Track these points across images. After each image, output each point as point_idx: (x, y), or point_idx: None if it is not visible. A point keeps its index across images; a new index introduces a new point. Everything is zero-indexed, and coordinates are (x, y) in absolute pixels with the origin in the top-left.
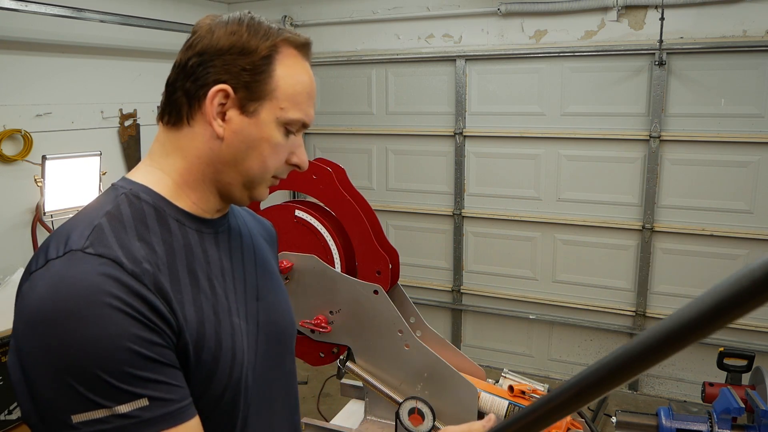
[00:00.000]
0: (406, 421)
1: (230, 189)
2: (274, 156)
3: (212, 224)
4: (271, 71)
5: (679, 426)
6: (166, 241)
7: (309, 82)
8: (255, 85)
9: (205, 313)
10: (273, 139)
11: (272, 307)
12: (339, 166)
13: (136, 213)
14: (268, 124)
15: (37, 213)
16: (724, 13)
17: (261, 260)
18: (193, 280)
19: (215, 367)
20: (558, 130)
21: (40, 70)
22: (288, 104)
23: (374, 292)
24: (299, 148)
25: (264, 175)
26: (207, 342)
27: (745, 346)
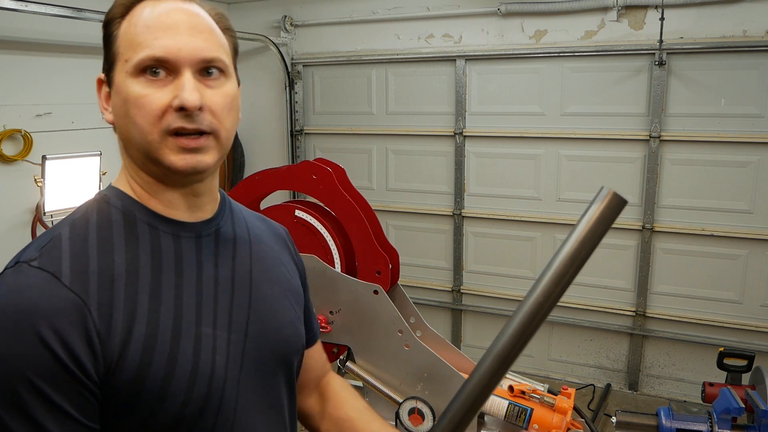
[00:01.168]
0: (406, 421)
1: (148, 169)
2: (142, 110)
3: (193, 228)
4: (116, 33)
5: (679, 426)
6: (130, 249)
7: (154, 17)
8: (107, 56)
9: (161, 325)
10: (131, 95)
11: (268, 317)
12: (339, 166)
13: (102, 220)
14: (123, 83)
15: (37, 213)
16: (724, 13)
17: (260, 267)
18: (155, 290)
19: (168, 381)
20: (558, 130)
21: (40, 70)
22: (130, 52)
23: (374, 292)
24: (181, 88)
25: (148, 137)
26: (157, 355)
27: (745, 346)
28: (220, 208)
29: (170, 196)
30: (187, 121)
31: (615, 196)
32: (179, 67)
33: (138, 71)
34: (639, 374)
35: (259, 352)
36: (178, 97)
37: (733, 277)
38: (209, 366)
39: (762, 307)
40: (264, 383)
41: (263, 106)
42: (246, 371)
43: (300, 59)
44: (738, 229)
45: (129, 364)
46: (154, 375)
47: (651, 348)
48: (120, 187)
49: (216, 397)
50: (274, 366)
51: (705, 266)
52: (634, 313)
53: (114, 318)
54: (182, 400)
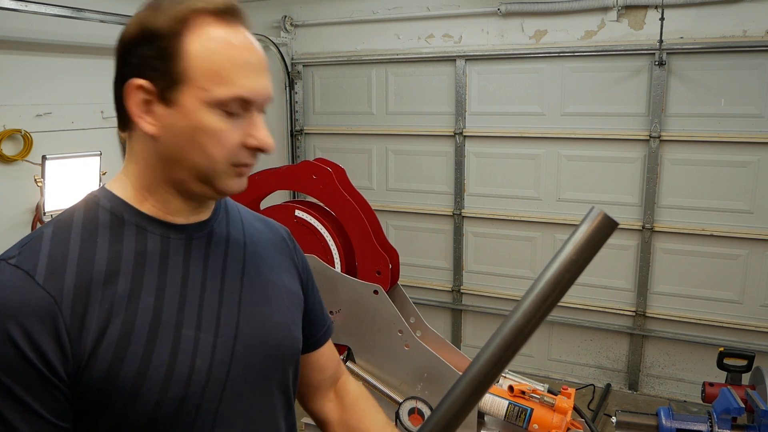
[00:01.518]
0: (406, 421)
1: (187, 186)
2: (218, 144)
3: (185, 230)
4: (181, 51)
5: (679, 426)
6: (112, 249)
7: (237, 50)
8: (166, 70)
9: (137, 325)
10: (207, 126)
11: (261, 320)
12: (339, 166)
13: (88, 220)
14: (195, 111)
15: (37, 213)
16: (724, 13)
17: (254, 270)
18: (134, 290)
19: (140, 382)
20: (558, 130)
21: (40, 70)
22: (210, 83)
23: (374, 292)
24: (254, 128)
25: (215, 167)
26: (130, 355)
27: (745, 346)
28: (215, 210)
29: (179, 205)
30: (253, 158)
31: (605, 218)
32: (254, 107)
33: (216, 104)
34: (639, 374)
35: (250, 356)
36: (257, 139)
37: (733, 277)
38: (186, 368)
39: (762, 307)
40: (255, 388)
41: None
42: (234, 375)
43: (300, 59)
44: (738, 229)
45: (100, 363)
46: (126, 374)
47: (651, 348)
48: (113, 190)
49: (194, 400)
50: (267, 371)
51: (705, 266)
52: (634, 313)
53: (88, 317)
54: (155, 401)
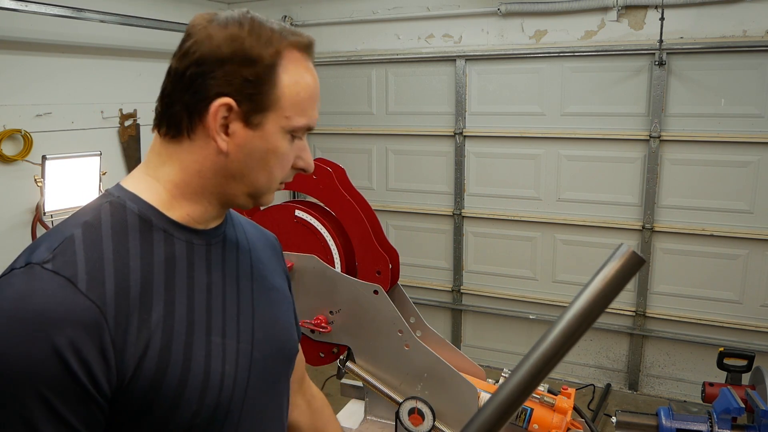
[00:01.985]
0: (406, 421)
1: (234, 199)
2: (281, 165)
3: (205, 235)
4: (276, 80)
5: (679, 426)
6: (145, 255)
7: (313, 85)
8: (259, 96)
9: (175, 335)
10: (280, 150)
11: (270, 324)
12: (339, 166)
13: (117, 223)
14: (274, 135)
15: (37, 213)
16: (724, 13)
17: (259, 274)
18: (168, 299)
19: (182, 392)
20: (558, 130)
21: (40, 70)
22: (293, 112)
23: (374, 292)
24: (304, 151)
25: (271, 185)
26: (172, 366)
27: (745, 346)
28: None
29: (214, 213)
30: (293, 176)
31: (633, 256)
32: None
33: (290, 131)
34: (639, 374)
35: (265, 359)
36: (305, 161)
37: (733, 277)
38: (219, 375)
39: (762, 307)
40: (270, 390)
41: None
42: (253, 379)
43: None
44: (738, 229)
45: (145, 374)
46: (168, 385)
47: (651, 348)
48: (138, 193)
49: (224, 406)
50: (279, 372)
51: (705, 266)
52: (634, 313)
53: (131, 328)
54: (194, 409)
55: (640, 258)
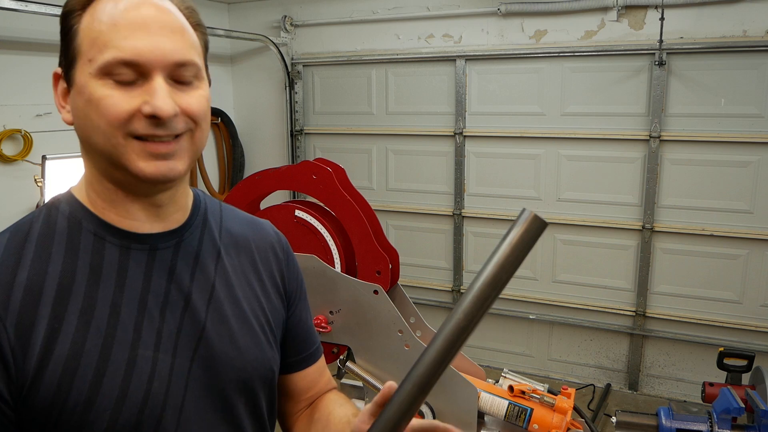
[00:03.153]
0: None
1: (111, 175)
2: (105, 114)
3: (148, 239)
4: (77, 29)
5: (679, 426)
6: (68, 260)
7: (118, 12)
8: (67, 52)
9: (88, 345)
10: (93, 98)
11: (225, 339)
12: (339, 166)
13: (45, 228)
14: (86, 85)
15: None
16: (724, 13)
17: (225, 284)
18: (86, 307)
19: (89, 407)
20: (558, 130)
21: (40, 70)
22: (94, 51)
23: (374, 292)
24: (152, 95)
25: (111, 141)
26: (78, 379)
27: (745, 346)
28: (189, 218)
29: (129, 206)
30: (158, 128)
31: (536, 219)
32: (150, 70)
33: (103, 73)
34: (639, 374)
35: (209, 379)
36: (150, 104)
37: (733, 277)
38: (141, 392)
39: (762, 307)
40: (217, 413)
41: (263, 106)
42: (191, 399)
43: (300, 59)
44: (738, 229)
45: (46, 386)
46: (74, 400)
47: (651, 348)
48: (75, 193)
49: (149, 425)
50: (230, 394)
51: (705, 266)
52: (634, 313)
53: (34, 335)
54: (104, 427)
55: (542, 221)
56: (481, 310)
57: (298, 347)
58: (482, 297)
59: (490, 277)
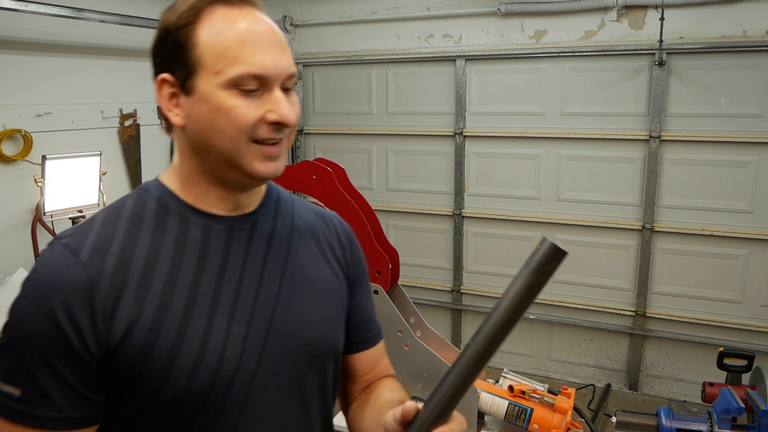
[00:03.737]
0: None
1: (220, 174)
2: (234, 122)
3: (227, 221)
4: (194, 40)
5: (679, 426)
6: (156, 235)
7: (243, 30)
8: (183, 61)
9: (171, 310)
10: (224, 107)
11: (297, 315)
12: (339, 166)
13: (137, 207)
14: (212, 94)
15: (37, 213)
16: (724, 13)
17: (297, 265)
18: (171, 276)
19: (170, 366)
20: (558, 130)
21: (40, 70)
22: (222, 64)
23: (374, 292)
24: (277, 104)
25: (237, 145)
26: (162, 340)
27: (745, 346)
28: (262, 203)
29: (220, 195)
30: (278, 133)
31: (553, 247)
32: (272, 82)
33: (232, 85)
34: (639, 374)
35: (283, 351)
36: (276, 113)
37: (733, 277)
38: (216, 357)
39: (762, 307)
40: (286, 383)
41: None
42: (265, 368)
43: (300, 59)
44: (738, 229)
45: (132, 345)
46: (156, 358)
47: (651, 348)
48: (164, 181)
49: (222, 388)
50: (302, 367)
51: (705, 266)
52: (634, 313)
53: (124, 298)
54: (183, 385)
55: (561, 250)
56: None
57: (359, 329)
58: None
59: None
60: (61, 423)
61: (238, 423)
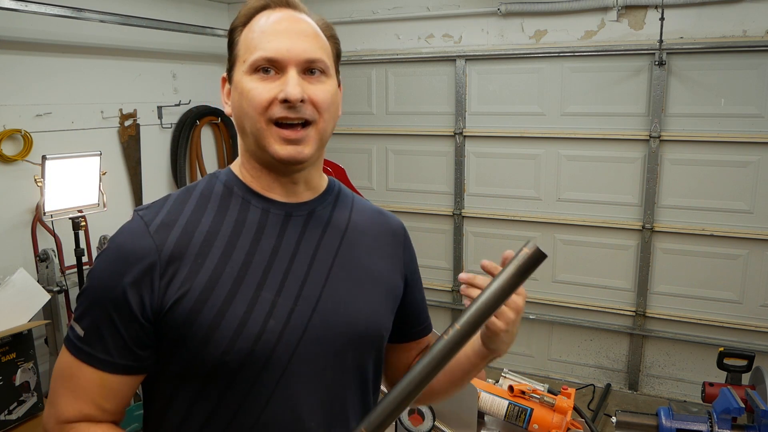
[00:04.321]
0: (406, 421)
1: (258, 156)
2: (252, 102)
3: (286, 207)
4: (237, 39)
5: (679, 426)
6: (219, 214)
7: (267, 23)
8: (231, 57)
9: (222, 280)
10: (245, 90)
11: (344, 299)
12: (339, 166)
13: (206, 189)
14: (241, 81)
15: (37, 213)
16: (724, 13)
17: (349, 254)
18: (227, 250)
19: (213, 331)
20: (558, 130)
21: (40, 70)
22: (247, 54)
23: None
24: (286, 84)
25: (256, 125)
26: (208, 307)
27: (745, 346)
28: (321, 196)
29: (269, 179)
30: (290, 111)
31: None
32: (286, 65)
33: (252, 70)
34: (639, 374)
35: (327, 330)
36: (283, 91)
37: (733, 277)
38: (259, 326)
39: (762, 307)
40: (327, 361)
41: None
42: (307, 343)
43: None
44: (738, 229)
45: (183, 307)
46: (202, 321)
47: (651, 348)
48: (232, 168)
49: (262, 355)
50: (344, 348)
51: (705, 266)
52: (634, 313)
53: (182, 267)
54: (223, 349)
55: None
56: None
57: (411, 321)
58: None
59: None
60: (109, 366)
61: (275, 391)
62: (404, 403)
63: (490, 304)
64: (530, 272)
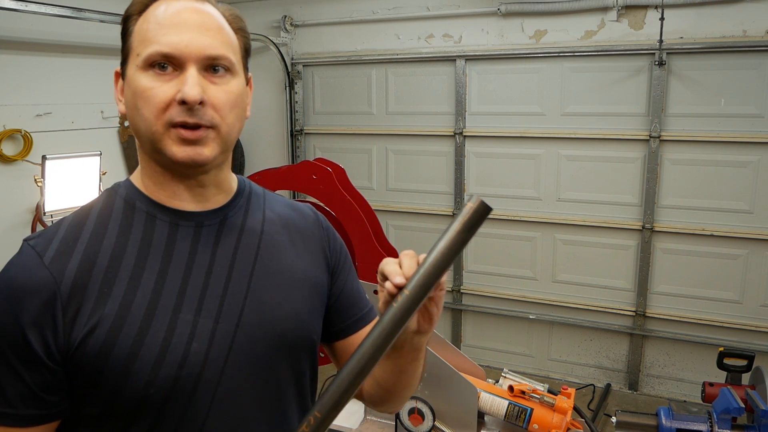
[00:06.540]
0: (406, 421)
1: (155, 158)
2: (148, 103)
3: (194, 217)
4: (131, 29)
5: (679, 426)
6: (122, 235)
7: (164, 14)
8: (123, 49)
9: (134, 307)
10: (139, 88)
11: (268, 307)
12: (339, 166)
13: (104, 209)
14: (133, 77)
15: (37, 213)
16: (724, 13)
17: (268, 258)
18: (135, 274)
19: (131, 361)
20: (558, 130)
21: (40, 70)
22: (141, 47)
23: (374, 292)
24: (183, 84)
25: (152, 128)
26: (123, 336)
27: (745, 346)
28: (233, 199)
29: (175, 186)
30: (188, 115)
31: (482, 204)
32: (184, 62)
33: (147, 65)
34: (639, 374)
35: (254, 344)
36: (181, 91)
37: (733, 277)
38: (181, 351)
39: (762, 307)
40: (260, 376)
41: (263, 106)
42: (235, 361)
43: (300, 59)
44: (738, 229)
45: (94, 342)
46: (118, 354)
47: (651, 348)
48: (132, 180)
49: (188, 382)
50: (274, 359)
51: (705, 266)
52: (634, 313)
53: (86, 299)
54: (146, 381)
55: (487, 206)
56: (430, 282)
57: (349, 311)
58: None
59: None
60: (12, 419)
61: (208, 419)
62: (358, 380)
63: (439, 264)
64: (477, 228)
